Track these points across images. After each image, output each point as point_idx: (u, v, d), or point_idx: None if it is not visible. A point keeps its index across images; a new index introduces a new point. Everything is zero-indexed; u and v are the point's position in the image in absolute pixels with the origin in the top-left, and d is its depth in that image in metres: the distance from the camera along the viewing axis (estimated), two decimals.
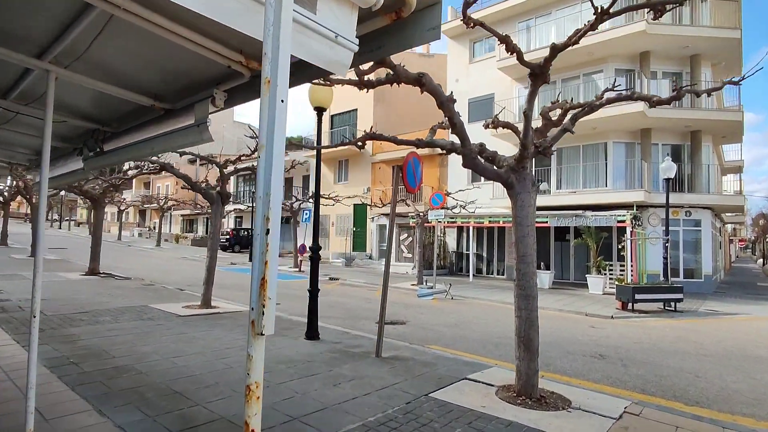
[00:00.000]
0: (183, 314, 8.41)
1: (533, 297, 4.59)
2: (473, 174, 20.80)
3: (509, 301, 12.42)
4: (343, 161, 26.65)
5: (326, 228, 27.16)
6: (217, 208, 9.60)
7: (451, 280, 17.08)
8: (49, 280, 12.32)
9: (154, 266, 18.68)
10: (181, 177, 9.97)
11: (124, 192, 47.02)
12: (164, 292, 11.45)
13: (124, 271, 16.18)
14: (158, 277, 14.94)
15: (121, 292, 10.88)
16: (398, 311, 10.51)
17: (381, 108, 25.34)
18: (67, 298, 9.69)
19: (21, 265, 15.71)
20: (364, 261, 23.39)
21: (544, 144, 4.66)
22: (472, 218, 17.67)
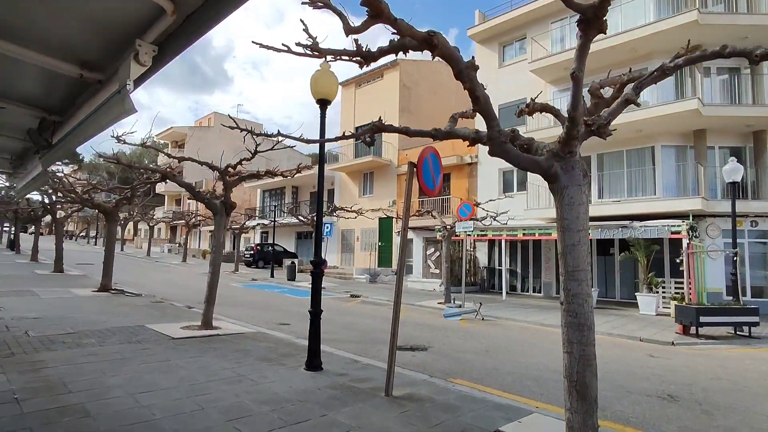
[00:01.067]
0: (177, 336, 7.54)
1: (588, 327, 3.38)
2: (505, 183, 19.48)
3: (549, 323, 10.98)
4: (367, 174, 25.82)
5: (351, 243, 26.26)
6: (221, 219, 8.79)
7: (482, 298, 15.69)
8: (58, 296, 11.83)
9: (172, 282, 18.20)
10: (184, 186, 9.26)
11: (156, 209, 47.91)
12: (170, 309, 10.71)
13: (140, 287, 15.68)
14: (172, 293, 14.31)
15: (124, 310, 10.19)
16: (421, 334, 9.31)
17: (406, 118, 24.43)
18: (63, 316, 9.04)
19: (40, 281, 15.47)
20: (390, 277, 22.24)
21: (598, 121, 3.49)
22: (505, 230, 16.29)
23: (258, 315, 10.95)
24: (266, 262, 28.22)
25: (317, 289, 6.30)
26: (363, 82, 26.87)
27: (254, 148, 7.54)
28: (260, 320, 10.14)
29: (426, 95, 25.68)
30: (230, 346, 7.05)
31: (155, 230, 50.76)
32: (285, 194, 31.62)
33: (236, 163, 8.14)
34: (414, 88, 25.03)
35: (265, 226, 30.63)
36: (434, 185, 5.59)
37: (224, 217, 8.87)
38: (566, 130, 3.37)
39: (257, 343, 7.41)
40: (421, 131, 4.74)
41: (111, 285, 13.52)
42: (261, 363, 6.13)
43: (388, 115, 24.58)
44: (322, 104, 6.28)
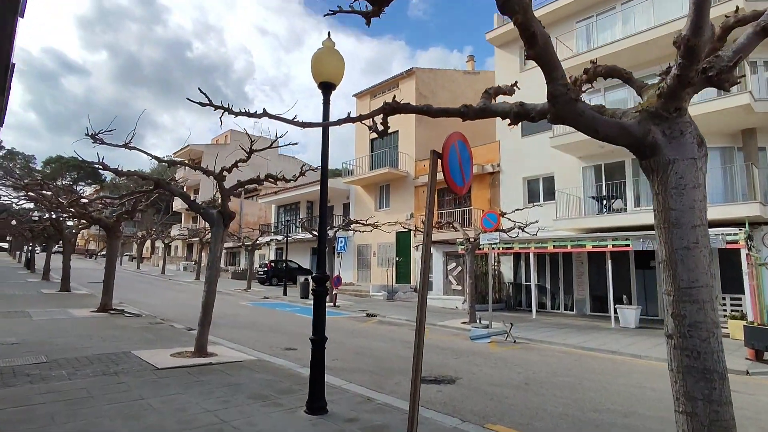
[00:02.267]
0: (163, 366, 6.49)
1: (720, 375, 2.19)
2: (530, 193, 18.21)
3: (591, 346, 9.61)
4: (383, 186, 24.82)
5: (367, 258, 25.15)
6: (217, 230, 7.81)
7: (509, 317, 14.32)
8: (51, 318, 10.99)
9: (179, 301, 17.32)
10: (177, 194, 8.34)
11: (172, 227, 47.76)
12: (167, 332, 9.72)
13: (145, 306, 14.82)
14: (175, 313, 13.37)
15: (116, 333, 9.24)
16: (446, 361, 8.08)
17: (423, 129, 23.50)
18: (45, 341, 8.11)
19: (42, 300, 14.75)
20: (408, 294, 20.98)
21: (719, 63, 2.34)
22: (533, 243, 14.96)
23: (263, 338, 9.87)
24: (280, 280, 27.28)
25: (320, 311, 5.21)
26: (378, 93, 26.11)
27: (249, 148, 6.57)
28: (264, 345, 9.06)
29: (444, 105, 24.56)
30: (221, 379, 5.97)
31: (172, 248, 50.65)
32: (300, 209, 30.83)
33: (231, 166, 7.16)
34: (431, 97, 24.10)
35: (279, 242, 29.80)
36: (463, 180, 4.47)
37: (221, 228, 7.89)
38: (678, 71, 2.22)
39: (253, 374, 6.31)
40: (446, 109, 3.70)
41: (111, 305, 12.66)
42: (253, 403, 5.02)
43: (405, 126, 23.69)
44: (325, 88, 5.26)
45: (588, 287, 16.10)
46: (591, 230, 15.00)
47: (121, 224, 12.93)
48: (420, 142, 23.17)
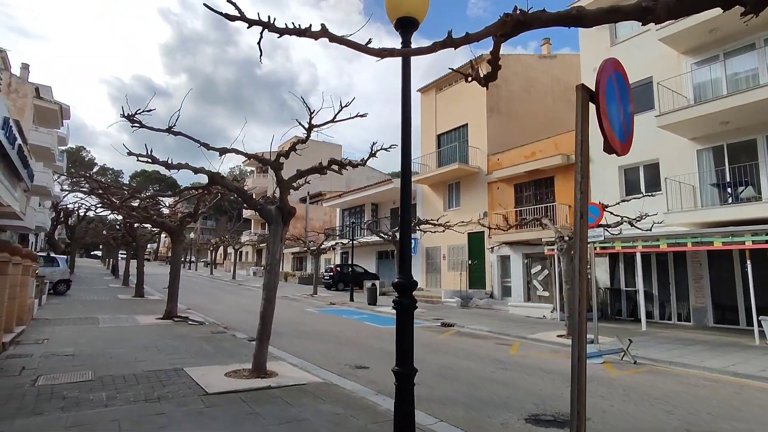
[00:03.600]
0: (214, 390, 5.43)
1: None
2: (628, 183, 15.73)
3: (747, 371, 7.37)
4: (452, 185, 23.12)
5: (437, 262, 23.54)
6: (276, 228, 6.72)
7: (611, 328, 12.10)
8: (116, 325, 10.63)
9: (245, 307, 16.84)
10: (233, 189, 7.39)
11: (243, 233, 49.16)
12: (227, 344, 8.84)
13: (210, 313, 14.38)
14: (239, 321, 12.69)
15: (174, 344, 8.50)
16: (557, 389, 6.35)
17: (495, 120, 21.56)
18: (100, 353, 7.48)
19: (115, 306, 14.82)
20: (484, 300, 19.10)
21: None
22: (639, 241, 12.60)
23: (330, 352, 8.69)
24: (346, 285, 26.46)
25: (406, 331, 3.81)
26: (444, 85, 24.52)
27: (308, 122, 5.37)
28: (331, 360, 7.85)
29: (518, 93, 22.59)
30: (279, 412, 4.76)
31: (242, 254, 52.20)
32: (364, 212, 29.94)
33: (288, 149, 6.02)
34: (503, 85, 22.11)
35: (344, 246, 29.06)
36: (625, 134, 2.88)
37: (280, 226, 6.79)
38: None
39: (319, 405, 5.04)
40: (609, 11, 2.10)
41: (176, 311, 12.21)
42: None
43: (475, 117, 21.89)
44: (403, 27, 3.89)
45: (709, 293, 13.36)
46: (712, 224, 12.35)
47: (184, 228, 12.48)
48: (493, 135, 21.25)
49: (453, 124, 23.30)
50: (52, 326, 10.11)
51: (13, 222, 25.12)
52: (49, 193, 32.83)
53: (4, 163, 4.32)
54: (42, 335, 8.93)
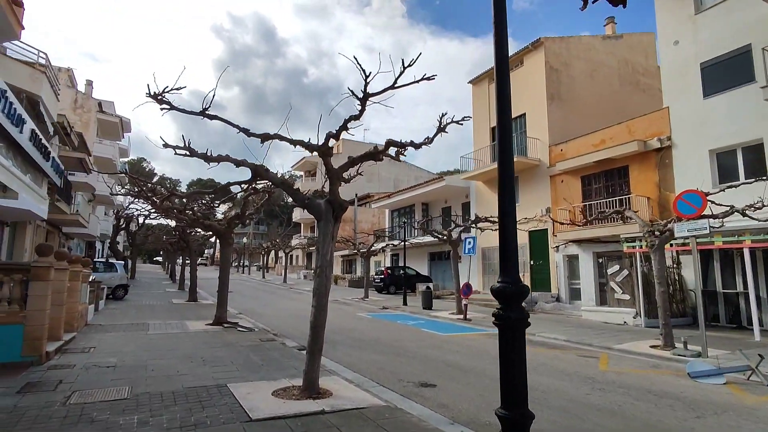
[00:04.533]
0: (259, 416, 4.59)
1: None
2: (722, 169, 13.66)
3: None
4: None
5: (493, 262, 22.04)
6: (326, 226, 5.84)
7: (714, 337, 10.28)
8: (164, 332, 10.23)
9: (295, 312, 16.27)
10: (278, 183, 6.60)
11: (293, 237, 49.53)
12: (276, 354, 8.08)
13: (261, 318, 13.87)
14: (289, 327, 12.04)
15: (220, 354, 7.86)
16: (683, 421, 4.98)
17: (557, 108, 19.84)
18: (142, 364, 6.92)
19: (168, 311, 14.68)
20: (552, 305, 17.46)
21: None
22: (748, 235, 10.68)
23: (388, 365, 7.70)
24: (398, 288, 25.48)
25: (514, 359, 2.72)
26: None
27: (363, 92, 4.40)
28: (391, 376, 6.86)
29: (580, 78, 20.72)
30: None
31: (293, 257, 52.66)
32: (414, 212, 28.85)
33: (339, 129, 5.11)
34: (564, 70, 20.36)
35: (395, 248, 28.10)
36: None
37: (331, 222, 5.90)
38: None
39: None
40: None
41: (226, 317, 11.73)
42: None
43: (534, 106, 20.29)
44: None
45: None
46: None
47: (232, 230, 12.00)
48: (554, 125, 19.55)
49: None
50: (102, 333, 9.84)
51: (79, 230, 26.34)
52: (112, 201, 34.42)
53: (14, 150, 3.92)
54: (90, 343, 8.59)
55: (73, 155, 21.69)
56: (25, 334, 6.58)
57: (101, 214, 35.49)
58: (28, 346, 6.59)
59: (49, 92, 13.48)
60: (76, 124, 29.68)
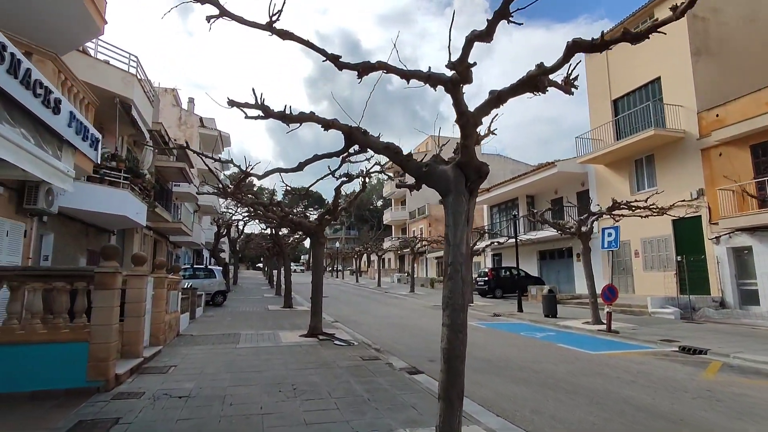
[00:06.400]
0: None
1: None
2: None
3: None
4: (641, 160, 17.83)
5: (626, 260, 18.38)
6: (456, 202, 3.83)
7: None
8: (254, 345, 8.96)
9: (395, 319, 14.49)
10: (381, 148, 4.70)
11: (384, 240, 48.55)
12: (384, 381, 6.21)
13: (358, 327, 12.30)
14: (391, 339, 10.23)
15: (315, 380, 6.20)
16: None
17: (705, 65, 15.85)
18: (221, 392, 5.46)
19: (262, 318, 13.76)
20: (721, 313, 13.67)
21: None
22: None
23: (541, 403, 5.44)
24: (505, 291, 22.67)
25: None
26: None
27: None
28: (553, 422, 4.61)
29: (737, 25, 16.45)
30: None
31: (385, 261, 51.68)
32: (518, 206, 25.74)
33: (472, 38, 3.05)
34: (712, 17, 16.28)
35: (499, 246, 25.27)
36: None
37: (464, 196, 3.88)
38: None
39: None
40: None
41: (320, 327, 10.26)
42: None
43: (672, 66, 16.48)
44: None
45: None
46: None
47: (324, 228, 10.53)
48: (703, 86, 15.61)
49: (636, 81, 18.02)
50: (190, 346, 8.81)
51: (184, 238, 27.47)
52: (215, 210, 36.03)
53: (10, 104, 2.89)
54: (173, 359, 7.48)
55: (174, 165, 22.32)
56: (89, 354, 5.44)
57: (206, 224, 37.40)
58: (92, 368, 5.44)
59: (141, 97, 13.25)
60: (180, 139, 31.35)
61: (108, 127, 13.50)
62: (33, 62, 6.89)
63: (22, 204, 8.96)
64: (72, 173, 3.60)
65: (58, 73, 7.50)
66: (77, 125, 3.61)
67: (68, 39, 9.44)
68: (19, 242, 9.01)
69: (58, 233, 11.00)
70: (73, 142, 3.45)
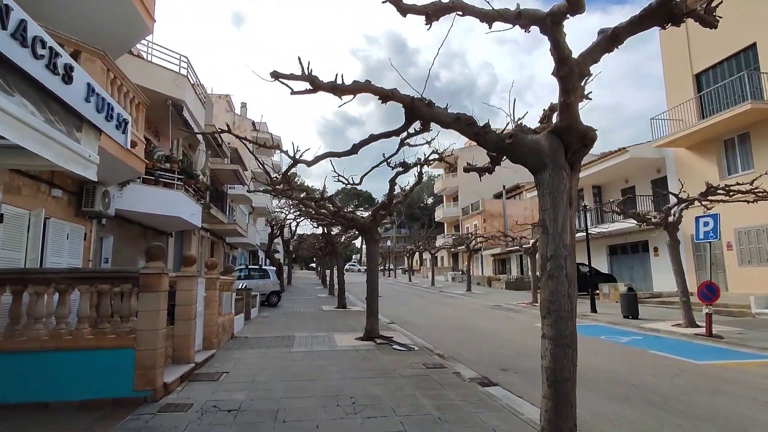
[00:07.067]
0: None
1: None
2: None
3: None
4: (732, 139, 15.72)
5: (716, 254, 16.29)
6: (556, 179, 3.00)
7: None
8: (308, 350, 8.43)
9: (454, 321, 13.58)
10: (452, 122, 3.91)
11: (437, 237, 47.46)
12: (455, 395, 5.41)
13: (416, 328, 11.55)
14: (454, 343, 9.39)
15: (375, 392, 5.51)
16: None
17: None
18: (272, 407, 4.90)
19: (316, 319, 13.35)
20: None
21: None
22: None
23: (650, 429, 4.41)
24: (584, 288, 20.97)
25: None
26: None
27: None
28: None
29: None
30: None
31: (438, 259, 50.55)
32: (583, 198, 23.85)
33: None
34: None
35: None
36: None
37: (565, 171, 3.05)
38: None
39: None
40: None
41: (377, 330, 9.60)
42: None
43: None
44: None
45: None
46: None
47: (378, 224, 9.86)
48: None
49: (725, 51, 15.89)
50: (244, 349, 8.44)
51: (240, 239, 27.99)
52: (269, 212, 36.65)
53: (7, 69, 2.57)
54: (225, 365, 7.07)
55: (228, 167, 22.64)
56: (135, 362, 5.07)
57: (261, 225, 38.15)
58: (139, 377, 5.06)
59: (193, 98, 13.24)
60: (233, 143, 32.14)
61: (162, 130, 13.67)
62: (81, 62, 6.76)
63: (81, 207, 9.04)
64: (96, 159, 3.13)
65: (107, 72, 7.33)
66: (98, 101, 3.16)
67: (118, 41, 9.39)
68: (80, 245, 9.07)
69: (118, 236, 11.12)
70: (94, 121, 3.00)
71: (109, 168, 8.25)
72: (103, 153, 7.27)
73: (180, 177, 11.82)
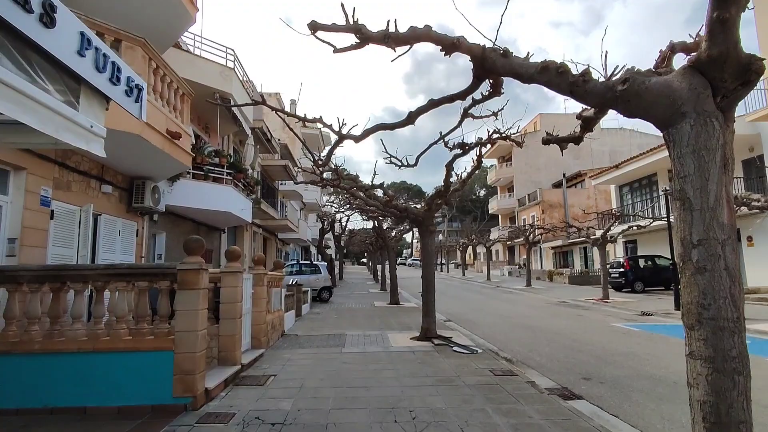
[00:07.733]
0: None
1: None
2: None
3: None
4: None
5: None
6: (703, 130, 2.04)
7: None
8: (362, 350, 7.83)
9: (517, 318, 12.51)
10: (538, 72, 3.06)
11: (491, 230, 45.76)
12: (533, 410, 4.55)
13: (475, 326, 10.70)
14: (519, 343, 8.45)
15: (437, 403, 4.77)
16: None
17: None
18: (322, 419, 4.28)
19: (368, 317, 12.81)
20: None
21: None
22: None
23: None
24: (646, 284, 19.12)
25: None
26: None
27: None
28: None
29: None
30: None
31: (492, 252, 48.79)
32: (657, 184, 21.64)
33: None
34: None
35: (632, 232, 21.54)
36: None
37: (715, 118, 2.07)
38: None
39: None
40: None
41: (434, 329, 8.83)
42: None
43: None
44: None
45: None
46: None
47: (433, 215, 9.06)
48: None
49: None
50: (294, 349, 7.98)
51: (291, 235, 28.13)
52: (319, 207, 36.77)
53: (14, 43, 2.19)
54: (273, 367, 6.60)
55: (278, 163, 22.65)
56: (174, 365, 4.64)
57: (312, 221, 38.40)
58: (178, 382, 4.63)
59: (240, 90, 13.04)
60: (284, 140, 32.39)
61: (212, 126, 13.62)
62: (122, 51, 6.49)
63: (132, 203, 8.97)
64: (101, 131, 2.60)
65: (149, 60, 7.05)
66: (98, 58, 2.62)
67: (162, 32, 9.19)
68: (132, 241, 9.01)
69: (170, 232, 11.09)
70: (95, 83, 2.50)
71: (155, 161, 8.06)
72: (146, 144, 7.04)
73: (229, 171, 11.65)
